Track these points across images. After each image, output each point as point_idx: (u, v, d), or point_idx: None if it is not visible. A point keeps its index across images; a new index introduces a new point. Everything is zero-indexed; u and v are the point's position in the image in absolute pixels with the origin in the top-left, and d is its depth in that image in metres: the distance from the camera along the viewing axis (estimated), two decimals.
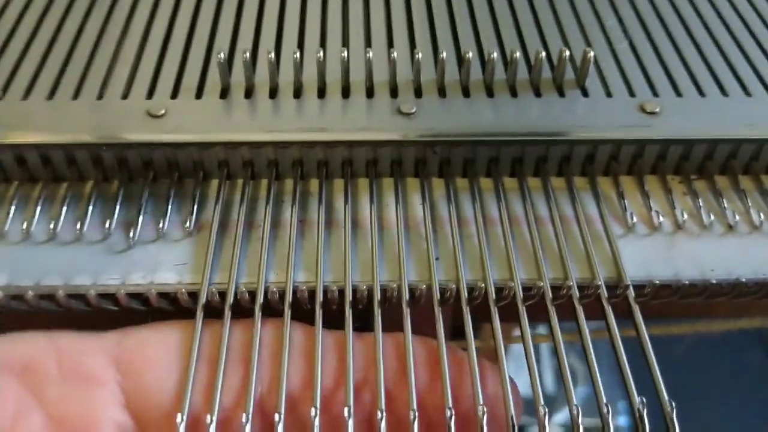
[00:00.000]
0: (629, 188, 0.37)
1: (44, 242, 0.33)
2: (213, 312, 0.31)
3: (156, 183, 0.36)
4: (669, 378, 0.29)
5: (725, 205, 0.35)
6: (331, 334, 0.30)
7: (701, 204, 0.35)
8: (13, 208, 0.34)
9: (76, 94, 0.36)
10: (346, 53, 0.36)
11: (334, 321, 0.31)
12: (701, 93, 0.38)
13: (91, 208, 0.34)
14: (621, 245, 0.34)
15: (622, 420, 0.31)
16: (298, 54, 0.36)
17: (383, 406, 0.27)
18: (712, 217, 0.35)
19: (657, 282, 0.31)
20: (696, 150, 0.36)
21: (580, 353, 0.30)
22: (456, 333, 0.34)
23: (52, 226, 0.33)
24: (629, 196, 0.36)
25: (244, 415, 0.27)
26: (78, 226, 0.33)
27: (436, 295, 0.31)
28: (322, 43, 0.40)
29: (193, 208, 0.34)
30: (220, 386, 0.28)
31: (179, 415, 0.27)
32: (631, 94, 0.37)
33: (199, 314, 0.30)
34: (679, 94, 0.38)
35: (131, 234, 0.33)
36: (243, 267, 0.32)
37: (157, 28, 0.41)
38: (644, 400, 0.28)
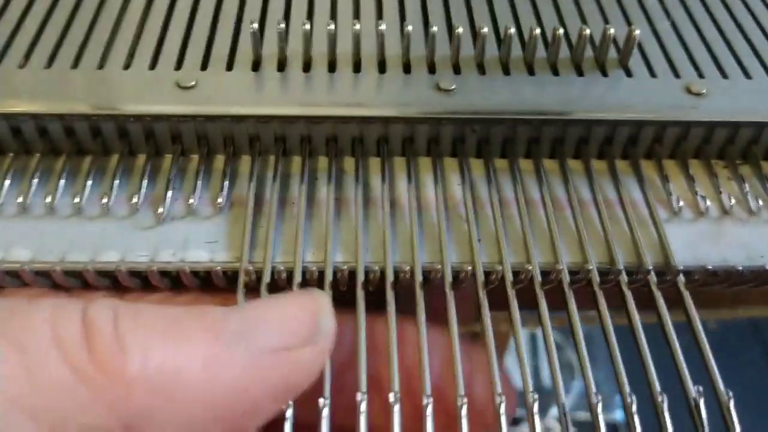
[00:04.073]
0: (672, 172, 0.35)
1: (69, 216, 0.32)
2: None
3: (184, 157, 0.34)
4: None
5: None
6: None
7: (747, 188, 0.34)
8: (36, 181, 0.33)
9: (102, 64, 0.35)
10: (383, 26, 0.35)
11: (372, 303, 0.30)
12: (747, 75, 0.37)
13: (117, 182, 0.33)
14: (667, 230, 0.33)
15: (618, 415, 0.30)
16: (332, 26, 0.35)
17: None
18: (761, 202, 0.34)
19: (709, 267, 0.30)
20: (742, 133, 0.35)
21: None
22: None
23: (77, 200, 0.32)
24: (673, 180, 0.35)
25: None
26: (104, 200, 0.32)
27: (481, 278, 0.30)
28: (357, 15, 0.38)
29: (223, 184, 0.33)
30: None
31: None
32: (676, 75, 0.36)
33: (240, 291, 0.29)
34: (725, 75, 0.36)
35: (160, 210, 0.32)
36: (278, 246, 0.31)
37: None
38: (701, 389, 0.27)
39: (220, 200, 0.32)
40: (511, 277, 0.30)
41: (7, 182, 0.32)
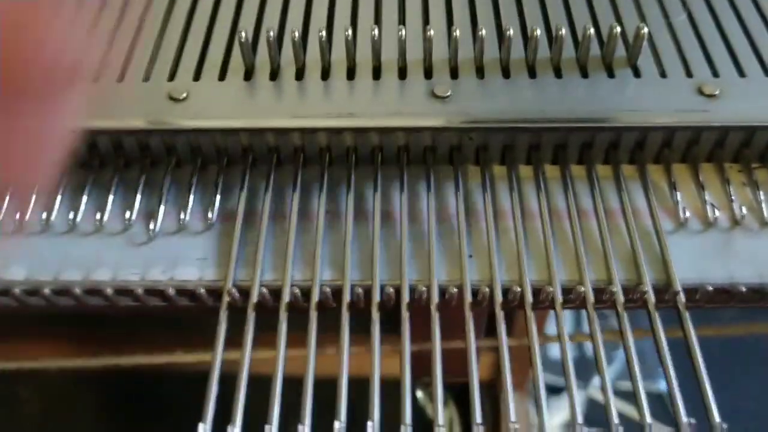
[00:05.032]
0: (682, 178, 0.34)
1: (65, 233, 0.32)
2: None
3: (178, 169, 0.34)
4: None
5: None
6: None
7: (762, 197, 0.32)
8: (33, 197, 0.33)
9: (96, 76, 0.35)
10: (377, 31, 0.34)
11: (359, 322, 0.29)
12: (767, 73, 0.34)
13: (111, 197, 0.33)
14: (671, 243, 0.31)
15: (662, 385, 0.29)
16: (324, 33, 0.34)
17: (408, 420, 0.26)
18: None
19: (710, 288, 0.29)
20: (759, 136, 0.33)
21: None
22: (490, 330, 0.33)
23: (72, 216, 0.32)
24: (682, 186, 0.33)
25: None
26: (98, 216, 0.32)
27: (468, 298, 0.29)
28: (353, 21, 0.37)
29: (215, 198, 0.33)
30: None
31: None
32: (688, 74, 0.34)
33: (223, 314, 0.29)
34: (742, 74, 0.34)
35: (152, 225, 0.32)
36: (267, 262, 0.31)
37: (179, 6, 0.38)
38: (692, 421, 0.26)
39: (210, 215, 0.32)
40: (500, 297, 0.29)
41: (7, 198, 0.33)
